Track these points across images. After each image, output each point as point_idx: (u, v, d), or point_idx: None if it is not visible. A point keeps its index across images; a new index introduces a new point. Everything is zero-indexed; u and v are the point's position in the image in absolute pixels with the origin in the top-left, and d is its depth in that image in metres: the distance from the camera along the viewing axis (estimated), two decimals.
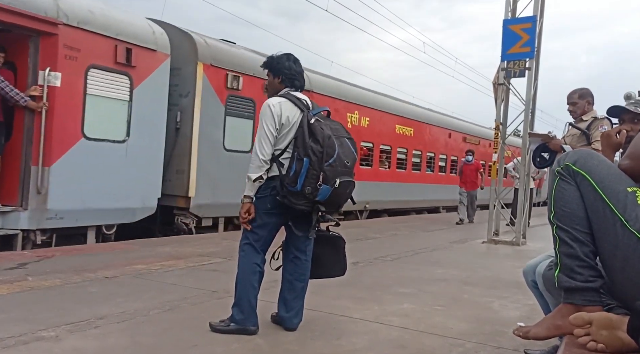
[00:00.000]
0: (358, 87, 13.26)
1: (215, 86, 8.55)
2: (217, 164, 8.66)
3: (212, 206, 8.63)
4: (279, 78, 3.35)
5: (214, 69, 8.55)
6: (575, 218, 1.68)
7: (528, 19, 8.57)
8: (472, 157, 12.63)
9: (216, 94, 8.59)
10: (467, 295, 4.66)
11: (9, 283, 4.28)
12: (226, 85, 8.70)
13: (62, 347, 2.85)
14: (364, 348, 3.07)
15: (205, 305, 3.87)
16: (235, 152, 8.96)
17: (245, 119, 9.17)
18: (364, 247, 7.33)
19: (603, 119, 4.24)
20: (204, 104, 8.34)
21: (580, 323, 1.49)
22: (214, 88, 8.53)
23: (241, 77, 8.93)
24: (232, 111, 8.88)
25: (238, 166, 8.64)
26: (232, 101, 8.85)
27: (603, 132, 2.26)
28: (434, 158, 16.49)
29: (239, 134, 9.04)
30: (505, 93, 9.11)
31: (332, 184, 3.04)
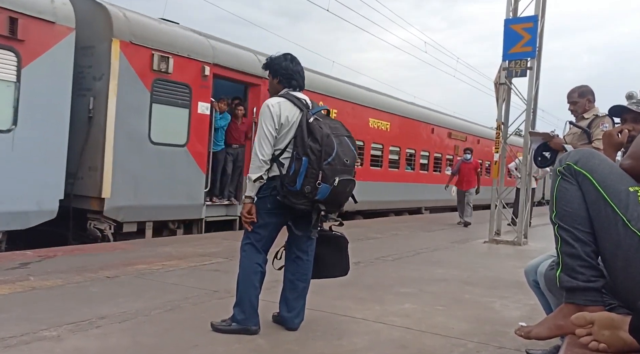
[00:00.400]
0: (323, 75, 11.73)
1: (137, 68, 7.30)
2: (141, 160, 7.40)
3: (136, 208, 7.36)
4: (277, 78, 3.36)
5: (135, 48, 7.27)
6: (577, 218, 1.68)
7: (529, 19, 8.56)
8: (471, 155, 12.17)
9: (139, 78, 7.33)
10: (469, 295, 4.66)
11: (10, 282, 4.28)
12: (152, 68, 7.46)
13: (63, 347, 2.85)
14: (365, 348, 3.07)
15: (207, 305, 3.88)
16: (165, 145, 7.78)
17: (179, 107, 7.95)
18: (364, 248, 7.32)
19: (604, 117, 4.21)
20: (122, 89, 7.05)
21: (582, 323, 1.48)
22: (135, 70, 7.27)
23: (171, 59, 7.71)
24: (161, 98, 7.64)
25: (169, 162, 7.82)
26: (160, 86, 7.62)
27: (605, 131, 2.25)
28: (414, 155, 15.20)
29: (169, 124, 7.82)
30: (506, 93, 9.10)
31: (331, 182, 3.04)
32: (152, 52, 7.49)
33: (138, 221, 7.53)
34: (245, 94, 9.53)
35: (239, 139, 9.23)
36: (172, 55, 7.76)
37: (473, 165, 12.15)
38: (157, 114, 7.61)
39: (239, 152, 9.26)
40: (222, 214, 9.10)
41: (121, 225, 7.30)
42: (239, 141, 9.23)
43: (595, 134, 4.17)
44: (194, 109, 8.20)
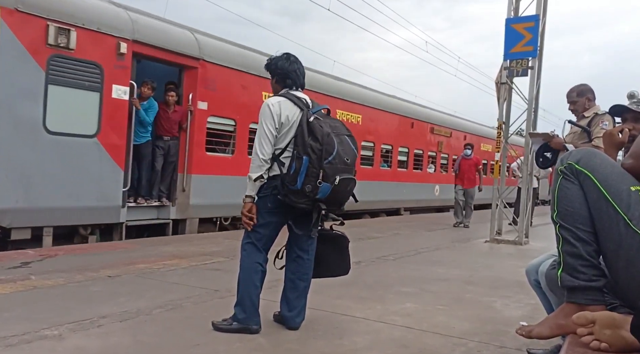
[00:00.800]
0: None
1: (25, 41, 6.05)
2: (33, 153, 6.17)
3: (27, 211, 6.12)
4: (275, 78, 3.40)
5: (23, 17, 6.00)
6: (579, 217, 1.68)
7: (531, 18, 8.56)
8: (471, 151, 11.54)
9: (28, 53, 6.07)
10: (470, 295, 4.66)
11: (12, 282, 4.29)
12: (47, 41, 6.19)
13: (65, 346, 2.86)
14: (366, 348, 3.07)
15: (208, 304, 3.88)
16: (67, 135, 6.50)
17: (86, 90, 6.65)
18: (365, 247, 7.32)
19: (604, 115, 4.19)
20: (5, 67, 5.90)
21: (583, 322, 1.48)
22: (23, 44, 6.02)
23: (74, 31, 6.39)
24: (60, 79, 6.37)
25: (74, 156, 6.55)
26: (59, 64, 6.34)
27: (606, 131, 2.25)
28: (391, 151, 13.76)
29: (73, 111, 6.57)
30: (507, 92, 9.09)
31: (332, 181, 3.04)
32: (47, 23, 6.17)
33: (32, 226, 6.24)
34: (180, 78, 8.31)
35: (170, 130, 8.03)
36: (74, 28, 6.44)
37: (474, 161, 11.48)
38: (55, 98, 6.30)
39: (171, 145, 8.05)
40: (151, 217, 7.98)
41: (9, 231, 6.03)
42: (170, 133, 8.04)
43: (595, 132, 4.16)
44: (107, 93, 6.89)
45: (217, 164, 8.84)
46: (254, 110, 9.29)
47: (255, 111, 8.89)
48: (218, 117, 8.79)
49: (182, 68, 8.27)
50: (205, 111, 8.47)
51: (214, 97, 8.58)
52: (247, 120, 9.16)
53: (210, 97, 8.53)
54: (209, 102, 8.51)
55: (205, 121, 8.50)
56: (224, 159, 9.05)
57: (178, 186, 8.21)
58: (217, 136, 8.88)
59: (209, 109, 8.55)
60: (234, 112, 9.00)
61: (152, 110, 7.71)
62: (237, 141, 9.14)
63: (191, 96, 8.20)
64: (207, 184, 8.53)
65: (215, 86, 8.60)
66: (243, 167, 9.10)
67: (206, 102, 8.46)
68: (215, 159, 8.82)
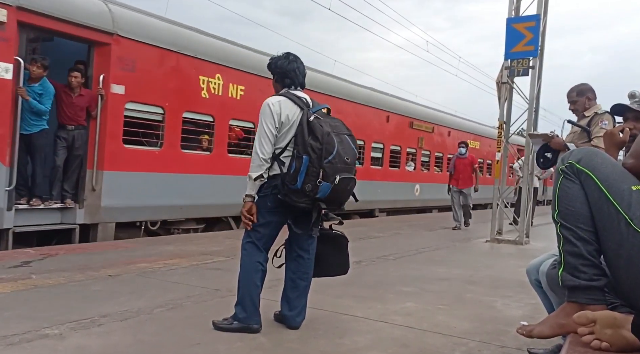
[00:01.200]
0: (221, 39, 9.11)
1: None
2: None
3: None
4: (274, 77, 3.41)
5: None
6: (580, 217, 1.68)
7: (531, 18, 8.55)
8: (466, 150, 11.00)
9: None
10: (470, 294, 4.66)
11: (13, 280, 4.29)
12: None
13: (65, 345, 2.86)
14: (366, 347, 3.07)
15: (208, 303, 3.88)
16: None
17: None
18: (366, 246, 7.32)
19: (604, 114, 4.17)
20: None
21: (584, 322, 1.48)
22: None
23: None
24: None
25: None
26: None
27: (607, 130, 2.24)
28: (363, 147, 12.47)
29: None
30: (508, 92, 9.09)
31: (332, 181, 3.04)
32: None
33: None
34: (89, 56, 7.04)
35: (74, 117, 6.74)
36: None
37: (469, 160, 10.97)
38: None
39: (76, 135, 6.75)
40: (52, 222, 6.69)
41: None
42: (75, 121, 6.74)
43: (595, 131, 4.14)
44: None
45: (140, 159, 7.51)
46: (189, 96, 8.00)
47: (192, 97, 8.10)
48: (140, 104, 7.46)
49: (91, 44, 6.98)
50: (122, 96, 7.14)
51: (133, 80, 7.26)
52: (179, 108, 7.96)
53: (129, 80, 7.20)
54: (126, 85, 7.17)
55: (122, 108, 7.16)
56: (149, 154, 7.68)
57: (87, 185, 6.88)
58: (139, 126, 7.53)
59: (127, 93, 7.21)
60: (161, 98, 7.67)
61: (47, 94, 6.37)
62: (166, 132, 7.79)
63: (102, 77, 6.89)
64: (126, 182, 7.25)
65: (134, 67, 7.26)
66: (175, 163, 7.85)
67: (123, 85, 7.13)
68: (136, 153, 7.47)
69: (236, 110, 8.93)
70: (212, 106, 8.55)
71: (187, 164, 8.19)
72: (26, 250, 5.85)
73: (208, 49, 8.53)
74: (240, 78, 8.94)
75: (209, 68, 8.43)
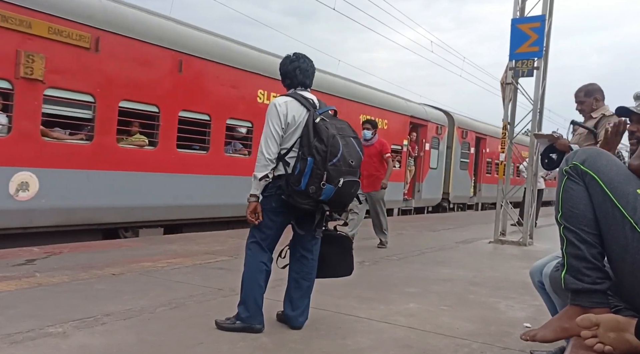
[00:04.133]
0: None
1: None
2: None
3: None
4: (281, 79, 3.40)
5: None
6: (583, 219, 1.67)
7: (536, 18, 8.52)
8: (373, 132, 7.30)
9: None
10: (474, 295, 4.65)
11: (17, 279, 4.31)
12: None
13: (69, 343, 2.87)
14: (369, 348, 3.07)
15: (212, 303, 3.89)
16: None
17: None
18: (369, 247, 7.31)
19: (611, 117, 4.08)
20: None
21: (588, 325, 1.48)
22: None
23: None
24: None
25: None
26: None
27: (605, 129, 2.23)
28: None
29: None
30: (513, 92, 9.06)
31: (336, 183, 3.04)
32: None
33: None
34: None
35: None
36: None
37: (377, 149, 7.22)
38: None
39: None
40: None
41: None
42: None
43: (601, 134, 4.09)
44: None
45: None
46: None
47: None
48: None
49: None
50: None
51: None
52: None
53: None
54: None
55: None
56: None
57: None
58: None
59: None
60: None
61: None
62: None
63: None
64: None
65: None
66: None
67: None
68: None
69: None
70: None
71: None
72: (31, 248, 5.87)
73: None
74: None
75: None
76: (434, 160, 15.84)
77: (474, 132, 18.45)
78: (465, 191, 18.27)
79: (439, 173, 16.21)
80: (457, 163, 17.20)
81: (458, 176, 17.34)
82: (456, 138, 17.04)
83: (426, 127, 15.16)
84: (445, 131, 16.34)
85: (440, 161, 16.18)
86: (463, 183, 17.91)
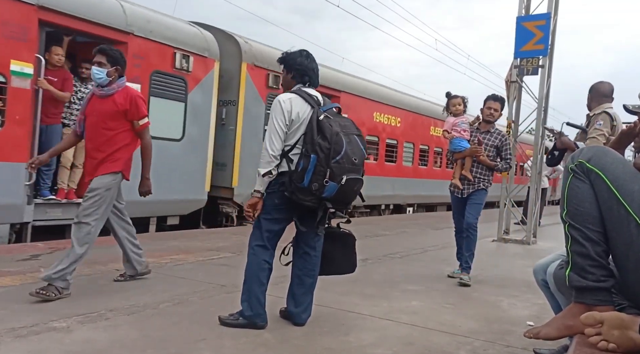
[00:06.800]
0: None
1: None
2: None
3: None
4: (291, 74, 3.37)
5: None
6: (588, 217, 1.67)
7: (542, 16, 8.49)
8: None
9: None
10: (476, 293, 4.64)
11: (21, 274, 4.33)
12: None
13: (73, 338, 2.88)
14: (372, 344, 3.07)
15: (215, 299, 3.90)
16: None
17: None
18: (373, 245, 7.31)
19: (600, 114, 4.17)
20: None
21: (592, 323, 1.47)
22: None
23: None
24: None
25: None
26: None
27: (622, 130, 2.21)
28: None
29: None
30: (517, 91, 9.03)
31: (339, 181, 3.04)
32: None
33: None
34: None
35: None
36: None
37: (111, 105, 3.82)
38: None
39: None
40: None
41: None
42: None
43: (589, 132, 4.13)
44: None
45: None
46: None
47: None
48: None
49: None
50: None
51: None
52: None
53: None
54: None
55: None
56: None
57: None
58: None
59: None
60: None
61: None
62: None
63: None
64: None
65: None
66: None
67: None
68: None
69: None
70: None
71: None
72: (35, 244, 5.89)
73: None
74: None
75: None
76: (170, 121, 7.67)
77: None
78: None
79: (187, 151, 7.94)
80: (257, 134, 9.01)
81: (256, 161, 7.14)
82: (250, 85, 8.86)
83: (127, 44, 6.90)
84: (205, 66, 8.15)
85: (192, 125, 8.01)
86: None
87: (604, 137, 4.00)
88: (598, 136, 4.00)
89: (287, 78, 3.39)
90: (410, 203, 14.98)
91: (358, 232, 3.76)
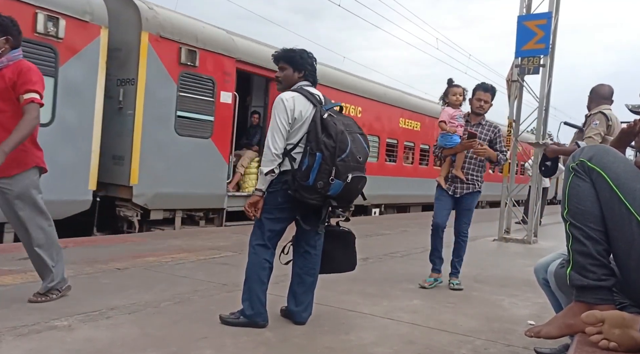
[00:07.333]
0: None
1: None
2: None
3: None
4: (302, 73, 3.34)
5: None
6: (590, 216, 1.66)
7: (543, 16, 8.48)
8: None
9: None
10: (477, 292, 4.64)
11: (22, 272, 4.33)
12: None
13: (74, 336, 2.89)
14: (372, 343, 3.07)
15: (215, 298, 3.90)
16: None
17: None
18: (373, 244, 7.32)
19: (596, 114, 4.27)
20: None
21: (593, 321, 1.47)
22: None
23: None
24: None
25: None
26: None
27: (622, 129, 2.22)
28: None
29: None
30: (518, 90, 9.02)
31: (344, 179, 3.05)
32: None
33: None
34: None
35: None
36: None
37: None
38: None
39: None
40: None
41: None
42: None
43: (586, 132, 4.22)
44: None
45: None
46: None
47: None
48: None
49: None
50: None
51: None
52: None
53: None
54: None
55: None
56: None
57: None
58: None
59: None
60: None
61: None
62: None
63: None
64: None
65: None
66: None
67: None
68: None
69: None
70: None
71: None
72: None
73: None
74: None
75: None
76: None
77: (250, 64, 8.71)
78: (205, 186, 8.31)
79: (58, 138, 6.27)
80: (167, 121, 7.49)
81: (165, 154, 7.50)
82: (155, 60, 7.26)
83: None
84: (86, 33, 6.52)
85: (65, 106, 6.37)
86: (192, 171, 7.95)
87: (600, 136, 4.15)
88: (594, 135, 4.12)
89: (293, 76, 3.35)
90: (377, 204, 13.12)
91: (358, 231, 3.76)
